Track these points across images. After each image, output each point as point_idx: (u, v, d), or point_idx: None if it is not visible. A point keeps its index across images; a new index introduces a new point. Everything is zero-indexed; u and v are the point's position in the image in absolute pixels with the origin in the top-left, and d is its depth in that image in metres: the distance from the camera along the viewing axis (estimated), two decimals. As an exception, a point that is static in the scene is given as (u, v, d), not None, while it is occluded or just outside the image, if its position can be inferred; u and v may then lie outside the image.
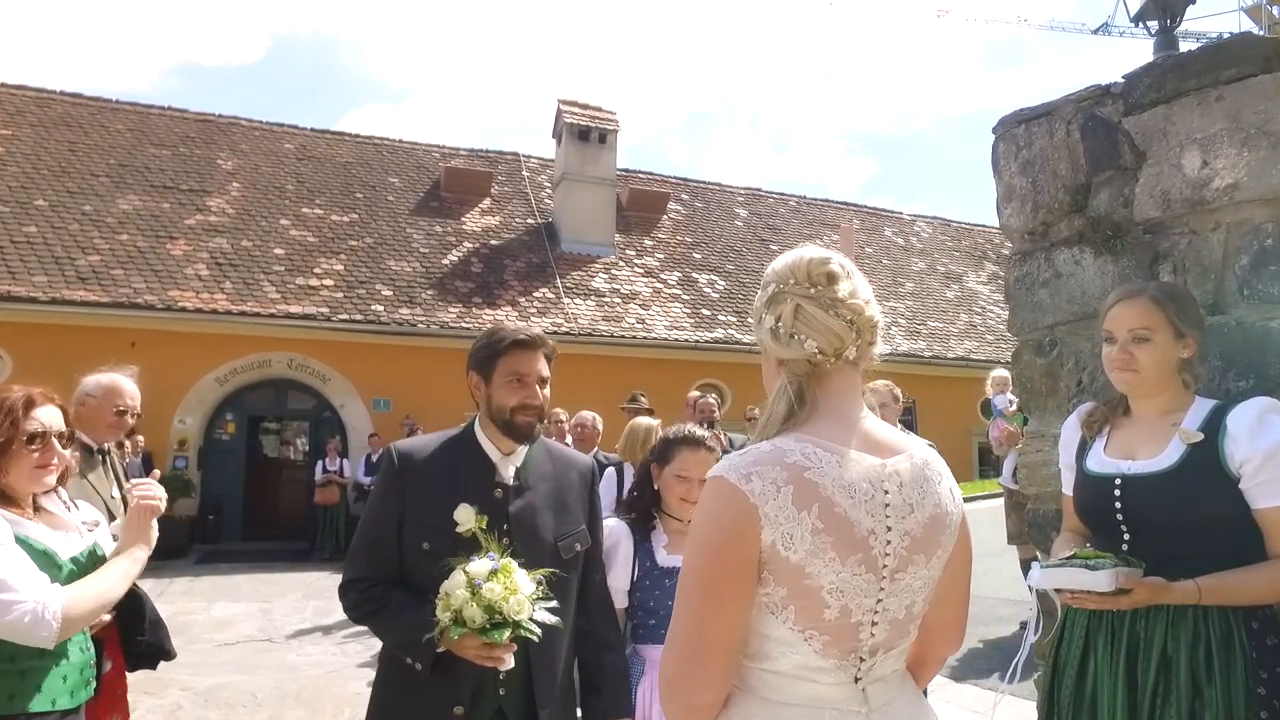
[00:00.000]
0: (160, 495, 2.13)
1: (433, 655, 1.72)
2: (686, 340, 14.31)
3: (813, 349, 1.14)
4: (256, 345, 12.19)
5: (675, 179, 19.01)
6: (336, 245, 13.68)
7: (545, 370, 1.92)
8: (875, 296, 1.22)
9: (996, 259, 19.83)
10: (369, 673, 5.93)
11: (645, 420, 4.50)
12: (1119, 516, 1.76)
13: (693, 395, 6.39)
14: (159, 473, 3.01)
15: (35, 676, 1.78)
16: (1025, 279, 2.46)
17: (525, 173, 17.44)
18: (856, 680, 1.14)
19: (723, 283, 16.18)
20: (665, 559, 2.35)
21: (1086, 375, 2.29)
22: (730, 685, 1.14)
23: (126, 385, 2.78)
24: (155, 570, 2.40)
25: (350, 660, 6.26)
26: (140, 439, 10.65)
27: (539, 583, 1.70)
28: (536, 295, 14.23)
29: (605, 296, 14.77)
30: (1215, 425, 1.71)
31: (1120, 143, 2.25)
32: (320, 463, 11.68)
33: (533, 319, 13.49)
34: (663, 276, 15.81)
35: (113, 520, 2.42)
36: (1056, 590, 1.69)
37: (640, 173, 18.63)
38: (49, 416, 1.90)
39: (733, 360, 14.05)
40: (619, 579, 2.32)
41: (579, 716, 2.02)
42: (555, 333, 13.21)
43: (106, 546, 2.07)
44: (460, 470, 1.88)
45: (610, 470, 4.48)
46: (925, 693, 1.39)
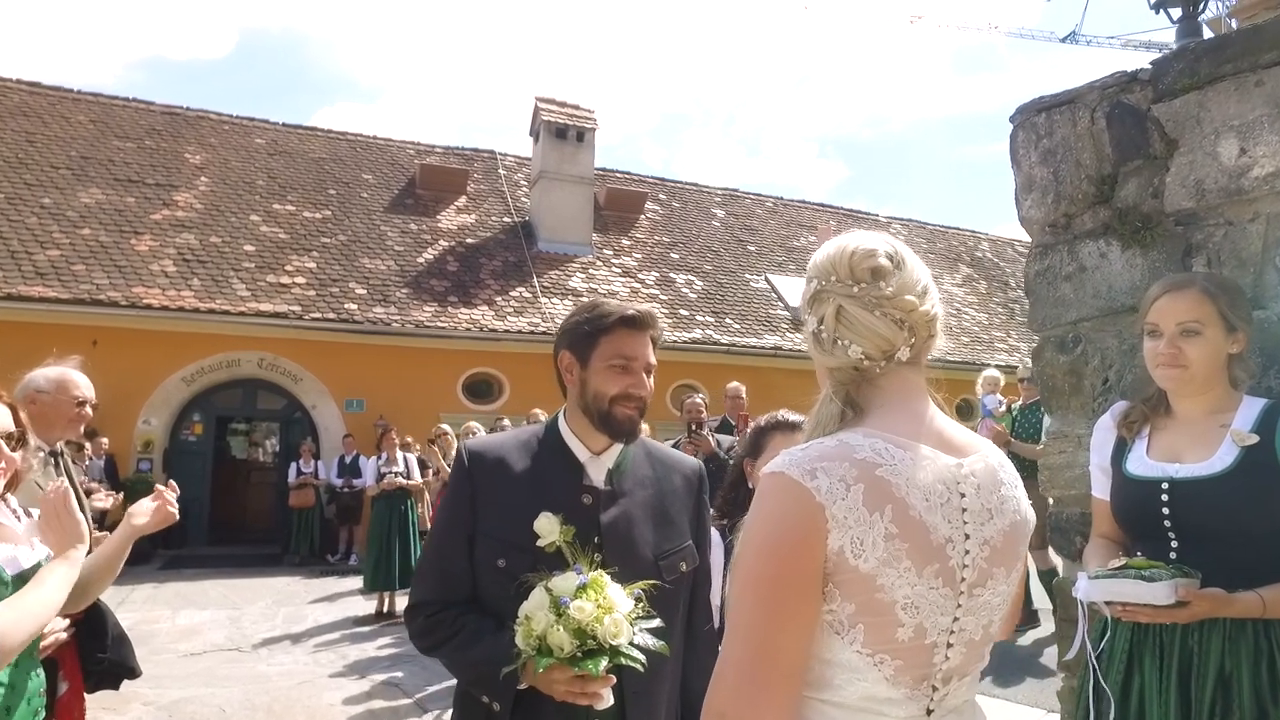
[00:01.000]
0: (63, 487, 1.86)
1: (513, 693, 1.44)
2: (664, 340, 14.14)
3: (858, 355, 1.03)
4: (225, 344, 11.84)
5: (652, 179, 18.88)
6: (309, 242, 13.35)
7: (652, 356, 1.64)
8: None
9: (970, 261, 19.98)
10: (343, 683, 5.72)
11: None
12: (1166, 523, 1.65)
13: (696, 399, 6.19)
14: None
15: None
16: (1047, 273, 2.36)
17: (502, 171, 17.22)
18: (929, 713, 1.01)
19: (700, 283, 16.08)
20: None
21: (1113, 373, 2.19)
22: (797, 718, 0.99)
23: (77, 375, 2.57)
24: (115, 577, 2.21)
25: (323, 670, 6.03)
26: (104, 441, 10.28)
27: (637, 598, 1.43)
28: (513, 294, 14.02)
29: (583, 296, 14.58)
30: (1270, 426, 1.60)
31: (1149, 130, 2.15)
32: (294, 464, 11.35)
33: (509, 318, 13.28)
34: (640, 276, 15.68)
35: None
36: (1107, 603, 1.57)
37: (617, 172, 18.47)
38: None
39: (711, 361, 13.96)
40: (713, 593, 2.03)
41: None
42: (532, 333, 13.04)
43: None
44: (542, 473, 1.60)
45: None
46: None
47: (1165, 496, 1.66)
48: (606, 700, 1.39)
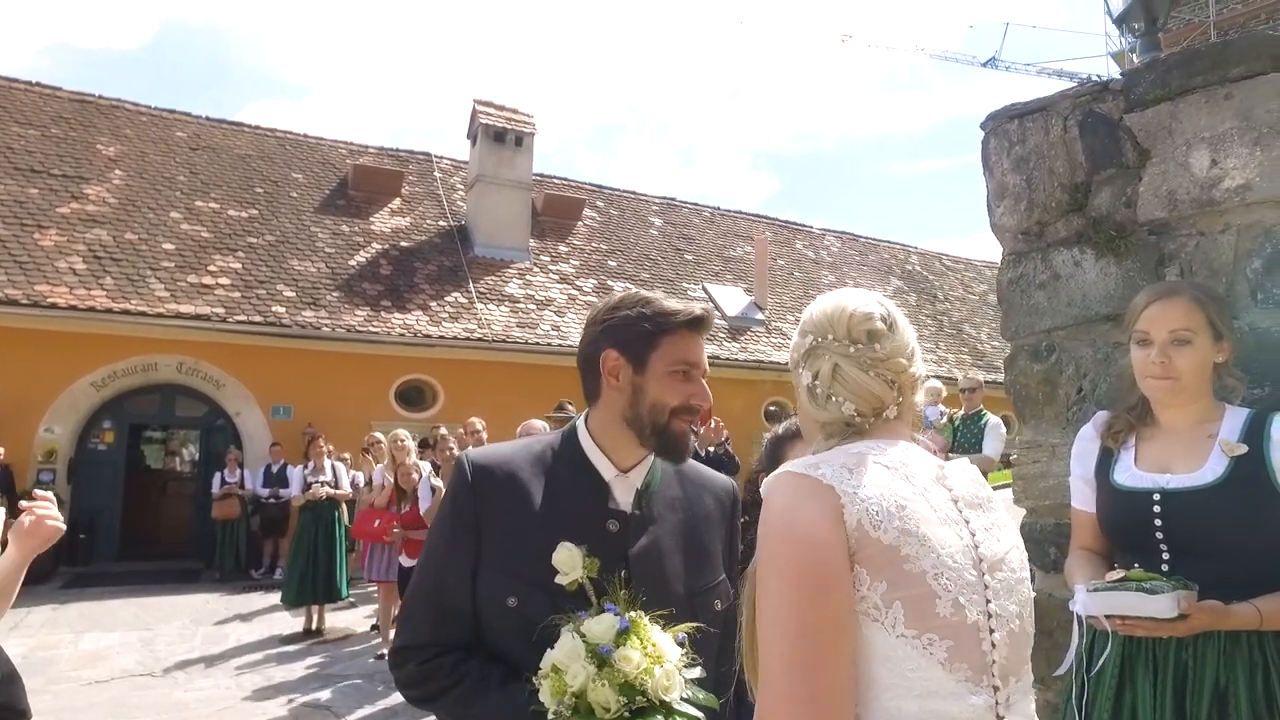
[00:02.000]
0: None
1: None
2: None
3: (850, 411, 1.08)
4: (141, 347, 11.16)
5: (590, 185, 18.78)
6: (234, 242, 12.75)
7: (706, 362, 1.44)
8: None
9: (901, 274, 20.52)
10: (268, 706, 5.39)
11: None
12: (1159, 535, 1.62)
13: None
14: None
15: None
16: (1020, 281, 2.34)
17: (437, 174, 16.85)
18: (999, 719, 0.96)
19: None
20: None
21: (1087, 382, 2.18)
22: None
23: None
24: (7, 608, 1.97)
25: (246, 693, 5.68)
26: (-1, 450, 9.57)
27: (681, 643, 1.22)
28: (448, 299, 13.69)
29: (520, 302, 14.36)
30: (1258, 435, 1.59)
31: (1122, 140, 2.16)
32: (219, 474, 10.75)
33: (444, 324, 12.96)
34: (578, 283, 15.52)
35: None
36: (1107, 616, 1.53)
37: (555, 178, 18.30)
38: None
39: (651, 369, 13.90)
40: None
41: None
42: (468, 339, 12.75)
43: None
44: (559, 494, 1.37)
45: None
46: None
47: (1158, 508, 1.63)
48: None
